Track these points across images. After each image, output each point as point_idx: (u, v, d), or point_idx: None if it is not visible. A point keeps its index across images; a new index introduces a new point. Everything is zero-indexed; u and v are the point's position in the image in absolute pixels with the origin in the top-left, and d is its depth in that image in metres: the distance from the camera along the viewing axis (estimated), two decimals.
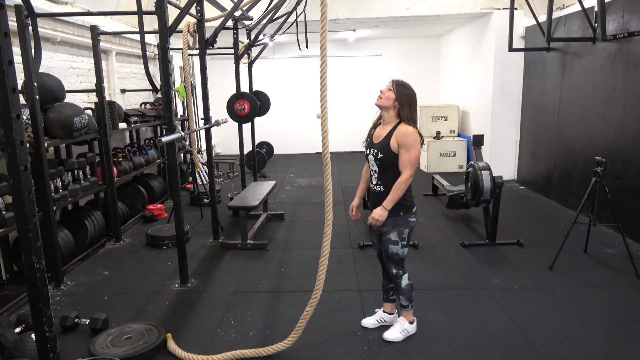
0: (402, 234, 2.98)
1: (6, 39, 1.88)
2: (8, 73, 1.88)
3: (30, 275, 2.07)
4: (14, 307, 3.79)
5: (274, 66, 12.10)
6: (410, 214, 3.01)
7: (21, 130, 1.96)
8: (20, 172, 1.96)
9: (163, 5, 3.66)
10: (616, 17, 5.29)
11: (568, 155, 6.46)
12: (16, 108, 1.93)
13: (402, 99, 2.93)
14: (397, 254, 3.02)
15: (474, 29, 9.05)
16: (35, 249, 2.04)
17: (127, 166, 5.87)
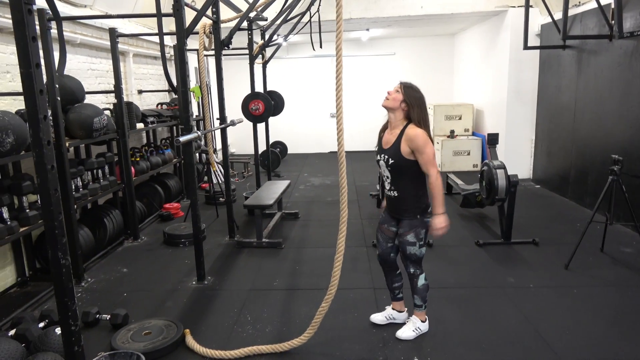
0: (419, 235, 3.01)
1: (34, 43, 1.95)
2: (36, 76, 1.96)
3: (56, 270, 2.14)
4: (38, 303, 3.90)
5: (288, 66, 12.16)
6: (426, 214, 3.02)
7: (48, 131, 2.04)
8: (47, 171, 2.04)
9: (180, 8, 3.73)
10: (633, 13, 5.23)
11: (584, 153, 6.40)
12: (43, 109, 2.01)
13: (410, 100, 2.90)
14: (415, 254, 3.04)
15: (488, 27, 9.00)
16: (61, 245, 2.12)
17: (144, 166, 5.98)
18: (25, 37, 1.91)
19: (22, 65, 1.94)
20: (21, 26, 1.91)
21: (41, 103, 2.00)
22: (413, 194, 2.98)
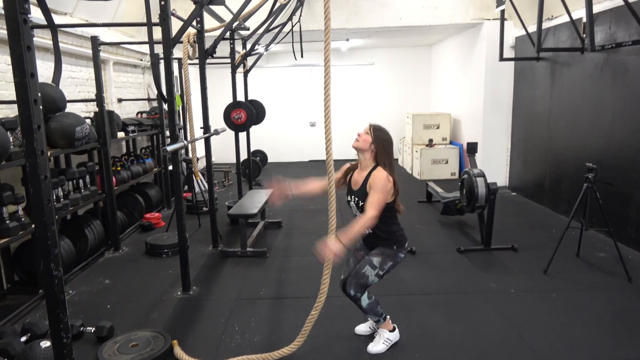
0: (384, 264, 2.99)
1: (29, 53, 1.94)
2: (30, 85, 1.95)
3: (48, 282, 2.12)
4: (17, 317, 3.80)
5: (268, 75, 12.20)
6: (402, 249, 3.04)
7: (42, 141, 2.02)
8: (41, 180, 2.02)
9: (167, 17, 3.74)
10: (604, 27, 5.47)
11: (558, 162, 6.62)
12: (38, 119, 1.99)
13: (378, 142, 2.96)
14: (367, 277, 2.97)
15: (464, 38, 9.24)
16: (53, 256, 2.10)
17: (125, 175, 5.91)
18: (20, 46, 1.90)
19: (17, 74, 1.93)
20: (16, 36, 1.90)
21: (36, 113, 1.98)
22: (386, 230, 3.01)
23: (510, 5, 6.95)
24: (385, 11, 8.25)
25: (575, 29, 5.83)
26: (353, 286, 3.02)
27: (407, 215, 6.58)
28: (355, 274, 3.02)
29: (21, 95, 1.94)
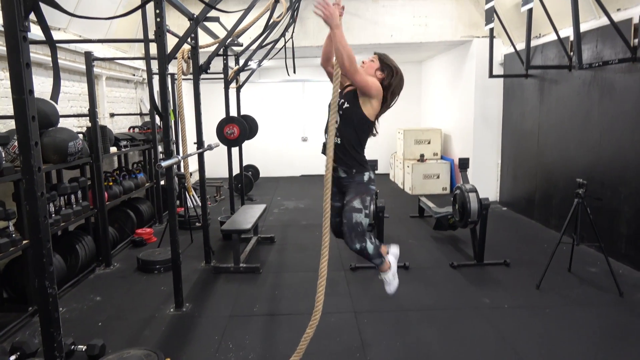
0: (364, 202, 2.93)
1: (27, 70, 1.95)
2: (29, 102, 1.95)
3: (42, 300, 2.09)
4: (6, 335, 3.73)
5: (260, 90, 12.26)
6: (372, 178, 3.03)
7: (39, 157, 2.02)
8: (37, 197, 2.01)
9: (162, 34, 3.76)
10: (590, 46, 5.60)
11: (548, 177, 6.70)
12: (35, 136, 1.99)
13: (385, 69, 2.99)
14: (360, 223, 2.90)
15: (454, 55, 9.38)
16: (48, 273, 2.08)
17: (117, 190, 5.87)
18: (19, 63, 1.91)
19: (15, 91, 1.93)
20: (16, 53, 1.91)
21: (33, 129, 1.98)
22: (354, 145, 2.94)
23: (498, 23, 7.10)
24: (377, 28, 8.37)
25: (562, 47, 5.96)
26: (355, 240, 2.93)
27: (399, 230, 6.63)
28: (348, 228, 2.92)
29: (19, 111, 1.94)
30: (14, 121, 1.96)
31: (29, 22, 1.93)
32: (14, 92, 1.93)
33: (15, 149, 4.06)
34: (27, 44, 1.95)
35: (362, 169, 3.00)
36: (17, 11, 1.87)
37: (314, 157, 12.00)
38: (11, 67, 1.92)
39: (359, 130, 2.93)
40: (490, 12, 6.83)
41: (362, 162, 3.00)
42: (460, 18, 8.34)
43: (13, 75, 1.93)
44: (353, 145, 2.95)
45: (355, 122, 2.92)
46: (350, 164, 2.97)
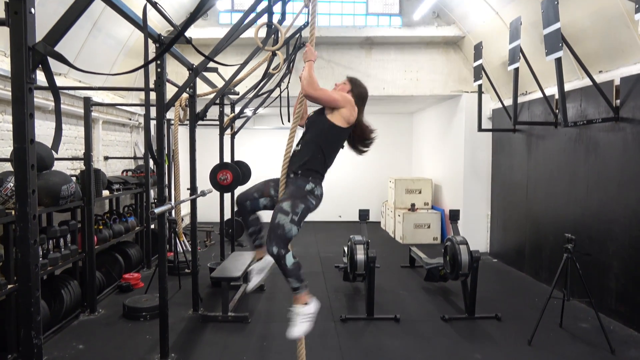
0: (295, 207, 2.71)
1: (31, 120, 2.00)
2: (29, 151, 1.98)
3: (27, 351, 2.04)
4: None
5: (254, 136, 12.42)
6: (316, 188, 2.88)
7: (35, 205, 2.03)
8: (30, 245, 2.01)
9: (162, 84, 3.87)
10: (575, 104, 5.82)
11: (537, 230, 6.77)
12: (33, 184, 2.01)
13: (354, 90, 3.07)
14: (283, 226, 2.65)
15: (444, 108, 9.66)
16: (35, 323, 2.04)
17: (107, 234, 5.82)
18: (23, 114, 1.96)
19: (17, 140, 1.97)
20: (20, 103, 1.96)
21: (32, 178, 2.01)
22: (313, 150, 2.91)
23: (487, 80, 7.37)
24: (370, 81, 8.62)
25: (548, 104, 6.18)
26: (274, 242, 2.64)
27: (390, 281, 6.58)
28: (270, 228, 2.68)
29: (19, 160, 1.97)
30: (13, 168, 1.99)
31: (35, 75, 2.00)
32: (16, 141, 1.97)
33: (7, 191, 4.05)
34: (32, 96, 2.01)
35: (308, 174, 2.87)
36: (26, 64, 1.94)
37: None
38: (15, 116, 1.97)
39: (323, 135, 2.92)
40: (478, 70, 7.11)
41: (311, 167, 2.88)
42: (450, 74, 8.65)
43: (16, 125, 1.97)
44: (312, 150, 2.91)
45: (319, 128, 2.93)
46: (298, 164, 2.88)
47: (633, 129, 4.88)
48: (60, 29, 2.05)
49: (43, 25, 2.01)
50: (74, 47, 5.70)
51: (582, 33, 5.35)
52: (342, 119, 2.93)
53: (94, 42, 6.11)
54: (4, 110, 4.74)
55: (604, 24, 5.07)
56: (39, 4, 4.57)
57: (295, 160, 2.93)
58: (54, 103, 2.12)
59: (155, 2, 3.24)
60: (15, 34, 1.91)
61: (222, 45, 4.24)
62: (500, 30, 6.90)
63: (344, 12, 8.80)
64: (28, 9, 1.93)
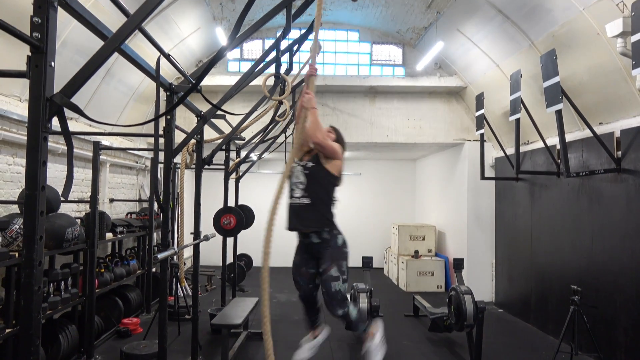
0: (341, 267, 3.01)
1: (43, 168, 2.05)
2: (40, 198, 2.02)
3: None
4: None
5: (258, 180, 12.51)
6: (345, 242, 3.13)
7: (41, 252, 2.05)
8: (34, 292, 2.01)
9: (171, 130, 3.96)
10: (577, 155, 5.88)
11: (543, 280, 6.67)
12: (41, 230, 2.04)
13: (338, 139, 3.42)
14: (340, 291, 2.98)
15: (447, 156, 9.76)
16: None
17: (108, 277, 5.78)
18: (37, 161, 2.01)
19: (29, 187, 2.01)
20: (35, 152, 2.02)
21: (40, 224, 2.04)
22: (324, 201, 3.08)
23: (489, 129, 7.49)
24: (373, 129, 8.80)
25: (550, 154, 6.25)
26: (337, 307, 2.98)
27: (393, 330, 6.44)
28: (329, 297, 2.99)
29: (29, 207, 2.01)
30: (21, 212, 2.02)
31: (51, 124, 2.07)
32: (28, 188, 2.01)
33: (12, 233, 4.07)
34: (47, 144, 2.07)
35: (333, 227, 3.11)
36: (42, 114, 2.01)
37: None
38: (28, 164, 2.02)
39: (328, 185, 3.15)
40: (480, 119, 7.25)
41: (332, 219, 3.14)
42: (453, 122, 8.81)
43: (29, 172, 2.02)
44: (324, 201, 3.09)
45: (322, 178, 3.15)
46: (322, 222, 3.07)
47: (635, 181, 4.92)
48: (78, 82, 2.14)
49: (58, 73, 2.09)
50: (87, 92, 5.88)
51: (581, 86, 5.49)
52: (337, 169, 3.16)
53: (106, 88, 6.30)
54: (15, 153, 4.84)
55: (602, 78, 5.20)
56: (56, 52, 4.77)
57: (308, 215, 3.08)
58: (67, 151, 2.18)
59: (168, 55, 3.38)
60: (35, 86, 1.99)
61: (231, 95, 4.37)
62: (501, 81, 7.08)
63: (349, 62, 9.08)
64: (48, 63, 2.02)
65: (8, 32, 2.01)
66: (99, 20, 2.60)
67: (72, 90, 2.11)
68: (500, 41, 6.70)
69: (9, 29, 2.00)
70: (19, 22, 2.77)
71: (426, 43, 8.28)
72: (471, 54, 7.60)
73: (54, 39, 2.06)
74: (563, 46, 5.43)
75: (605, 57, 5.01)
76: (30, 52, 2.01)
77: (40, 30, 2.00)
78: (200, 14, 7.26)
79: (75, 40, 5.04)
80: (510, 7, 5.96)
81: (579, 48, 5.32)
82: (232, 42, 3.22)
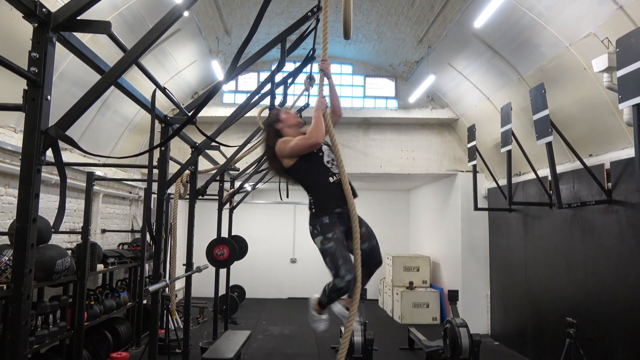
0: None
1: (35, 200, 2.04)
2: (31, 231, 2.01)
3: None
4: None
5: (252, 210, 12.47)
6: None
7: (30, 285, 2.02)
8: (21, 327, 1.97)
9: (165, 162, 3.98)
10: (568, 186, 5.94)
11: (539, 311, 6.62)
12: (30, 263, 2.02)
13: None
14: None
15: (440, 186, 9.82)
16: None
17: (97, 310, 5.67)
18: (29, 194, 2.01)
19: (20, 219, 2.00)
20: (27, 184, 2.02)
21: (30, 257, 2.02)
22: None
23: (481, 160, 7.57)
24: (367, 160, 8.87)
25: (542, 185, 6.30)
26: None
27: None
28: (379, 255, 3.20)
29: (20, 239, 2.00)
30: (11, 242, 2.01)
31: (45, 157, 2.08)
32: (19, 220, 2.00)
33: (1, 265, 4.02)
34: (40, 176, 2.07)
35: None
36: (37, 147, 2.02)
37: (302, 279, 11.86)
38: (21, 196, 2.01)
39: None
40: (472, 150, 7.33)
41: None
42: (445, 153, 8.90)
43: (21, 204, 2.01)
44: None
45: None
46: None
47: (626, 212, 4.95)
48: (74, 115, 2.16)
49: (54, 104, 2.11)
50: (82, 123, 5.91)
51: (570, 119, 5.60)
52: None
53: (102, 119, 6.35)
54: (7, 183, 4.82)
55: (590, 111, 5.32)
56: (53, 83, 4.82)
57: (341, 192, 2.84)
58: (60, 183, 2.18)
59: (164, 88, 3.43)
60: (30, 119, 2.01)
61: (226, 126, 4.41)
62: (492, 113, 7.20)
63: (343, 94, 9.22)
64: (45, 97, 2.04)
65: (5, 67, 2.05)
66: (96, 54, 2.65)
67: (67, 123, 2.13)
68: (490, 75, 6.85)
69: (7, 63, 2.04)
70: (19, 55, 2.82)
71: (418, 76, 8.45)
72: (462, 87, 7.75)
73: (51, 73, 2.10)
74: (552, 80, 5.56)
75: (593, 91, 5.13)
76: (27, 85, 2.04)
77: (38, 65, 2.04)
78: (196, 47, 7.39)
79: (72, 72, 5.10)
80: (499, 42, 6.13)
81: (567, 82, 5.45)
82: (229, 77, 3.28)
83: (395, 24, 7.42)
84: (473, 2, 5.79)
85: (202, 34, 7.09)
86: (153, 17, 5.56)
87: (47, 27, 2.08)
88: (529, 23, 5.40)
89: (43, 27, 2.08)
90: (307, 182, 2.99)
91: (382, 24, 7.63)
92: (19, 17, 2.10)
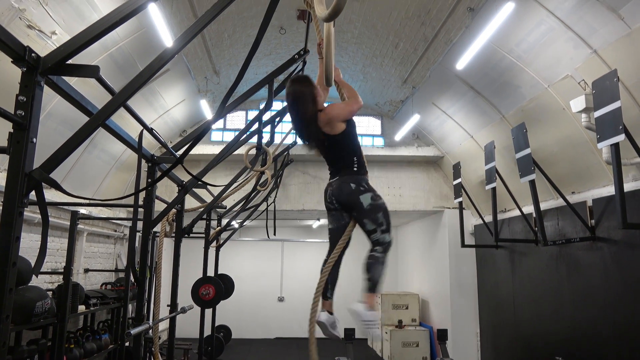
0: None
1: (16, 244, 2.02)
2: (10, 275, 1.97)
3: None
4: None
5: (239, 248, 12.35)
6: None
7: (7, 332, 1.96)
8: None
9: (151, 201, 3.96)
10: (553, 223, 6.01)
11: (529, 349, 6.55)
12: (7, 309, 1.97)
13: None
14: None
15: (428, 223, 9.85)
16: None
17: (77, 353, 5.47)
18: (10, 237, 1.98)
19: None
20: (9, 227, 1.99)
21: (7, 302, 1.97)
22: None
23: (466, 197, 7.65)
24: None
25: (527, 222, 6.37)
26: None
27: None
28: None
29: None
30: None
31: (27, 200, 2.06)
32: None
33: None
34: (22, 219, 2.05)
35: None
36: (20, 190, 2.00)
37: (290, 318, 11.64)
38: (1, 238, 1.98)
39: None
40: (458, 188, 7.42)
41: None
42: (432, 190, 8.99)
43: (1, 247, 1.98)
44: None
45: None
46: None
47: (610, 249, 5.01)
48: (60, 157, 2.16)
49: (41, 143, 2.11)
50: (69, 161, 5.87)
51: (552, 157, 5.73)
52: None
53: (88, 157, 6.33)
54: None
55: (571, 149, 5.45)
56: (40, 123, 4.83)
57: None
58: (42, 224, 2.16)
59: (151, 129, 3.45)
60: (14, 162, 2.00)
61: (213, 165, 4.43)
62: (476, 151, 7.34)
63: None
64: (30, 139, 2.05)
65: None
66: (84, 97, 2.67)
67: (52, 166, 2.13)
68: (473, 114, 7.02)
69: None
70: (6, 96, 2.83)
71: (403, 115, 8.62)
72: (447, 125, 7.92)
73: (37, 115, 2.10)
74: (532, 119, 5.71)
75: (573, 130, 5.27)
76: (13, 128, 2.04)
77: (25, 108, 2.05)
78: (185, 86, 7.49)
79: (60, 111, 5.11)
80: (481, 83, 6.31)
81: (548, 121, 5.61)
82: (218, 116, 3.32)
83: (381, 64, 7.63)
84: (455, 45, 6.00)
85: (191, 74, 7.20)
86: (143, 58, 5.65)
87: (36, 72, 2.10)
88: (508, 65, 5.59)
89: (32, 72, 2.10)
90: (357, 143, 2.92)
91: (367, 65, 7.83)
92: (7, 59, 2.12)
